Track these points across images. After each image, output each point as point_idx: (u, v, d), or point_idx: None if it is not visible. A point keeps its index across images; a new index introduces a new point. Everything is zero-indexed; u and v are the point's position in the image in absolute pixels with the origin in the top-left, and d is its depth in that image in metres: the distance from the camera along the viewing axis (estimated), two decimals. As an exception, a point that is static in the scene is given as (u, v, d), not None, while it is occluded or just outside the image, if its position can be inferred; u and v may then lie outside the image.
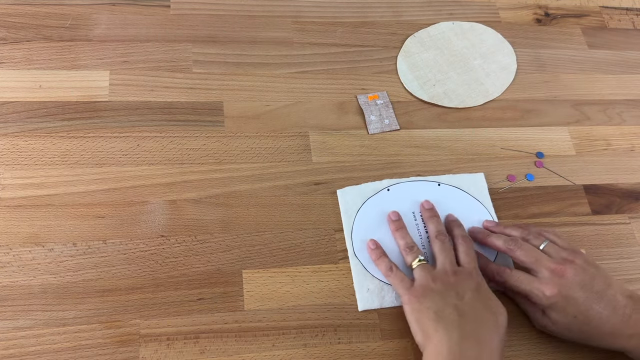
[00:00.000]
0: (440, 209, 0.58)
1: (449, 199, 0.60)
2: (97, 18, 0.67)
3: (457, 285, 0.50)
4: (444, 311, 0.48)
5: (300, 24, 0.71)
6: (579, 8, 0.80)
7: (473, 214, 0.60)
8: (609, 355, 0.55)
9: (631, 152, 0.68)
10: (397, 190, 0.52)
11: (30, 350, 0.48)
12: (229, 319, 0.52)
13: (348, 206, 0.58)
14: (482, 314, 0.48)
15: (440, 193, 0.60)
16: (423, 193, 0.60)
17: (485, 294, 0.50)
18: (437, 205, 0.58)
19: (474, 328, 0.47)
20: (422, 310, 0.49)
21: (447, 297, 0.49)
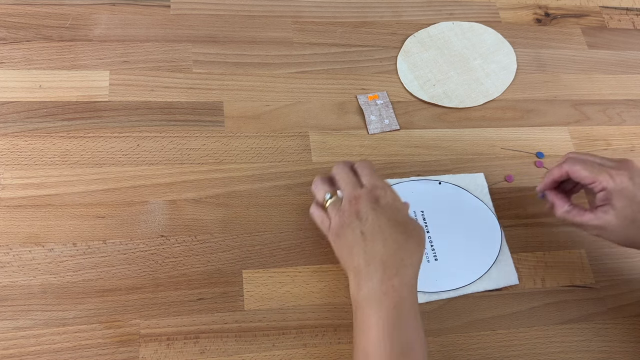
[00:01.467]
0: (440, 207, 0.59)
1: (450, 197, 0.60)
2: (97, 18, 0.67)
3: (359, 210, 0.48)
4: (353, 243, 0.47)
5: (300, 24, 0.71)
6: (579, 8, 0.80)
7: (474, 212, 0.60)
8: (607, 356, 0.55)
9: (631, 152, 0.68)
10: (398, 190, 0.52)
11: (30, 350, 0.48)
12: (229, 319, 0.52)
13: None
14: (385, 231, 0.47)
15: (441, 191, 0.61)
16: (424, 192, 0.60)
17: (389, 208, 0.48)
18: (437, 204, 0.59)
19: (378, 248, 0.46)
20: (341, 248, 0.48)
21: (354, 226, 0.47)
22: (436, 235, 0.58)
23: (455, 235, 0.59)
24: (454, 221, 0.59)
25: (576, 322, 0.56)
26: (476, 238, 0.59)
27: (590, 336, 0.56)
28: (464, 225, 0.59)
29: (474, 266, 0.57)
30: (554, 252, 0.60)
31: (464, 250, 0.58)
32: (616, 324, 0.57)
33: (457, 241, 0.58)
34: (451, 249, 0.58)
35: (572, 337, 0.56)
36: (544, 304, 0.57)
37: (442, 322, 0.55)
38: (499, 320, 0.56)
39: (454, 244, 0.58)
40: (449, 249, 0.58)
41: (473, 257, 0.58)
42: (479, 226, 0.60)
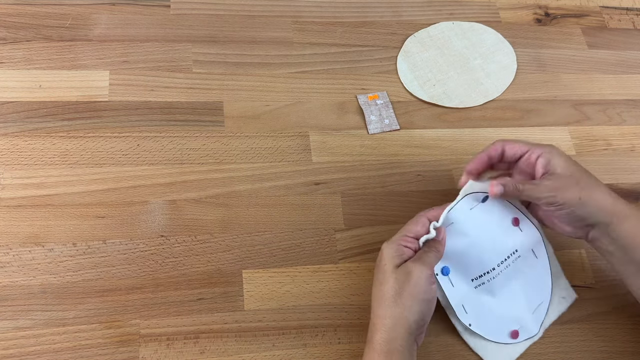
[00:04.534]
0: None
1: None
2: (97, 18, 0.67)
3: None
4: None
5: (300, 24, 0.71)
6: (579, 8, 0.80)
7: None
8: (607, 356, 0.55)
9: (631, 152, 0.68)
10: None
11: (30, 350, 0.48)
12: (229, 319, 0.52)
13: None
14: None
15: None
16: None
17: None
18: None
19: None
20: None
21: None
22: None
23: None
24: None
25: (576, 322, 0.56)
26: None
27: (591, 336, 0.56)
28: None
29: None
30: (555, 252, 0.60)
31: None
32: (616, 324, 0.57)
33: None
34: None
35: (572, 337, 0.56)
36: (544, 304, 0.57)
37: (442, 322, 0.54)
38: (499, 320, 0.56)
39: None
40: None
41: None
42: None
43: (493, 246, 0.52)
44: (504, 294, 0.53)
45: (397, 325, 0.46)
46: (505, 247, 0.53)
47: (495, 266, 0.52)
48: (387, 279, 0.47)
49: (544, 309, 0.55)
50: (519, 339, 0.53)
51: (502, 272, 0.53)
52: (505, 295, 0.54)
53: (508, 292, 0.54)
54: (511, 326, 0.53)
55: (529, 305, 0.54)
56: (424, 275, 0.47)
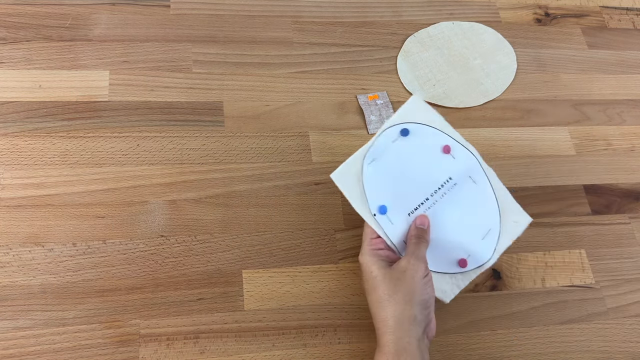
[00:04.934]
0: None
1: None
2: (96, 18, 0.67)
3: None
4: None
5: (300, 24, 0.71)
6: (579, 8, 0.80)
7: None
8: (607, 356, 0.55)
9: (631, 152, 0.68)
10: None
11: (30, 350, 0.48)
12: (229, 319, 0.52)
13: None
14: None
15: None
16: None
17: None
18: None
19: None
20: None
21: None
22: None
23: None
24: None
25: (576, 322, 0.56)
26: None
27: (590, 336, 0.56)
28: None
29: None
30: (554, 252, 0.60)
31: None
32: (616, 324, 0.57)
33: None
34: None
35: (572, 337, 0.56)
36: (544, 304, 0.57)
37: (442, 322, 0.55)
38: (499, 320, 0.56)
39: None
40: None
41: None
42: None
43: (424, 177, 0.53)
44: (446, 223, 0.53)
45: (400, 323, 0.46)
46: (437, 176, 0.53)
47: (428, 196, 0.52)
48: (378, 283, 0.47)
49: (494, 235, 0.53)
50: (468, 268, 0.52)
51: (437, 201, 0.52)
52: (448, 225, 0.53)
53: (450, 221, 0.53)
54: (458, 255, 0.52)
55: (476, 232, 0.53)
56: (420, 269, 0.48)
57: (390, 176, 0.52)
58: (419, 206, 0.52)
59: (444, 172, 0.53)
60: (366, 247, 0.50)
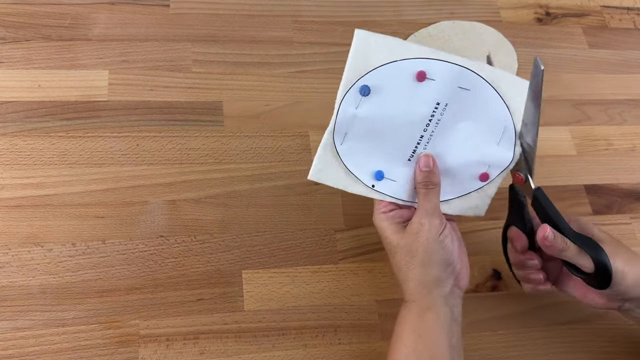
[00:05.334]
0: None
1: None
2: (96, 17, 0.66)
3: None
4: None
5: (300, 23, 0.71)
6: (580, 7, 0.80)
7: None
8: (608, 356, 0.55)
9: (632, 152, 0.68)
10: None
11: (30, 351, 0.48)
12: (229, 319, 0.52)
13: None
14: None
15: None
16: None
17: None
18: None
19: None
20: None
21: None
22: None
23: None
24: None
25: (577, 322, 0.56)
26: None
27: (591, 337, 0.56)
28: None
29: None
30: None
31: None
32: (617, 325, 0.57)
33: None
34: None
35: (573, 338, 0.55)
36: (545, 305, 0.57)
37: (442, 322, 0.54)
38: (499, 320, 0.56)
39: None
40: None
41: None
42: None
43: (408, 119, 0.46)
44: (453, 148, 0.48)
45: (423, 286, 0.45)
46: (422, 110, 0.46)
47: (422, 133, 0.47)
48: (394, 249, 0.47)
49: (510, 130, 0.48)
50: (491, 178, 0.49)
51: (434, 132, 0.47)
52: (455, 148, 0.48)
53: (456, 144, 0.48)
54: (478, 170, 0.48)
55: (489, 140, 0.48)
56: (433, 228, 0.45)
57: (371, 141, 0.47)
58: (416, 147, 0.48)
59: (429, 101, 0.46)
60: (377, 211, 0.49)
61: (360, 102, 0.46)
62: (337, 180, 0.49)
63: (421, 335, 0.44)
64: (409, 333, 0.45)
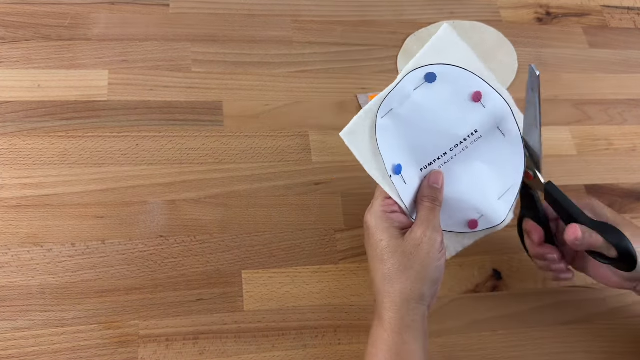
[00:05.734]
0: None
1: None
2: (96, 17, 0.66)
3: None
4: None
5: (300, 23, 0.71)
6: (580, 7, 0.80)
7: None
8: (608, 356, 0.55)
9: (633, 152, 0.68)
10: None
11: (29, 351, 0.48)
12: (229, 319, 0.52)
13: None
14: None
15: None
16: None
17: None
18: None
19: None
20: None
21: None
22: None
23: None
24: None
25: (577, 322, 0.56)
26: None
27: (592, 337, 0.56)
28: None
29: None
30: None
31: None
32: (617, 325, 0.57)
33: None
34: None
35: (573, 338, 0.55)
36: (545, 305, 0.57)
37: (442, 322, 0.54)
38: (500, 320, 0.55)
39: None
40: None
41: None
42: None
43: (446, 128, 0.45)
44: (461, 181, 0.47)
45: (408, 302, 0.43)
46: (461, 128, 0.46)
47: (447, 150, 0.46)
48: (388, 255, 0.43)
49: (514, 193, 0.47)
50: (477, 229, 0.48)
51: (456, 155, 0.46)
52: (463, 182, 0.47)
53: (466, 178, 0.47)
54: (469, 215, 0.47)
55: (493, 191, 0.47)
56: (437, 243, 0.44)
57: (408, 129, 0.45)
58: (434, 161, 0.46)
59: (469, 124, 0.46)
60: (378, 208, 0.45)
61: (421, 86, 0.44)
62: (361, 151, 0.45)
63: (402, 358, 0.42)
64: (389, 355, 0.42)
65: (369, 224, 0.45)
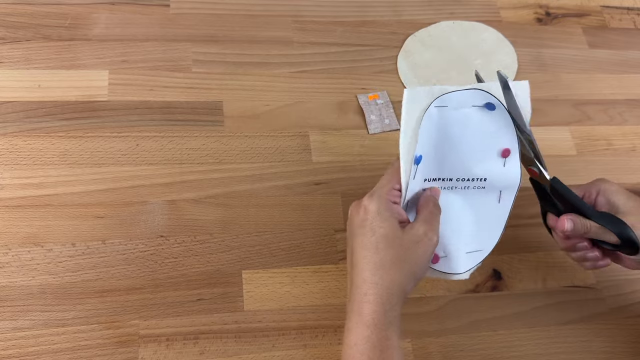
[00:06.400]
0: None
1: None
2: (96, 17, 0.66)
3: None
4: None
5: (300, 23, 0.71)
6: (580, 7, 0.80)
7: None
8: (608, 356, 0.55)
9: (632, 152, 0.68)
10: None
11: (30, 351, 0.48)
12: (229, 319, 0.52)
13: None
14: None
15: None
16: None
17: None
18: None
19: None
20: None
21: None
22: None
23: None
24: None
25: (577, 322, 0.56)
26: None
27: (592, 337, 0.56)
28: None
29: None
30: (555, 252, 0.60)
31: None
32: (617, 325, 0.57)
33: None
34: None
35: (573, 338, 0.55)
36: (545, 305, 0.57)
37: (442, 322, 0.54)
38: (500, 320, 0.55)
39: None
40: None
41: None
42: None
43: (467, 158, 0.46)
44: (447, 214, 0.46)
45: (392, 295, 0.41)
46: (477, 168, 0.46)
47: (455, 178, 0.47)
48: (384, 244, 0.41)
49: (479, 258, 0.48)
50: (436, 265, 0.47)
51: (456, 188, 0.47)
52: (448, 216, 0.47)
53: (452, 215, 0.47)
54: (437, 250, 0.47)
55: (465, 244, 0.48)
56: (433, 245, 0.43)
57: (442, 134, 0.45)
58: (440, 179, 0.46)
59: (485, 169, 0.46)
60: (384, 195, 0.43)
61: (479, 107, 0.45)
62: (408, 118, 0.44)
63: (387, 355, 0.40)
64: (373, 354, 0.40)
65: (369, 209, 0.42)
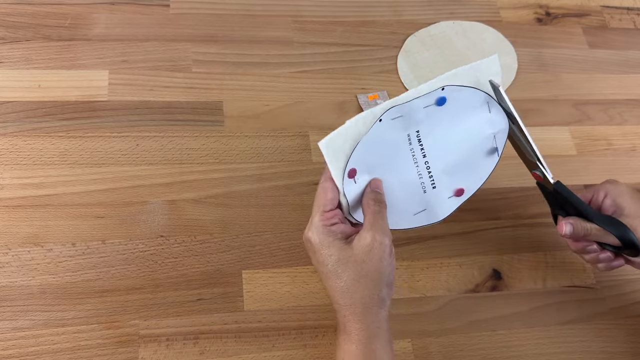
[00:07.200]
0: (441, 118, 0.48)
1: (454, 104, 0.48)
2: (96, 17, 0.66)
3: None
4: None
5: (300, 23, 0.71)
6: (580, 7, 0.80)
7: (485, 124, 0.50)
8: (608, 356, 0.55)
9: (632, 152, 0.68)
10: (392, 117, 0.44)
11: (30, 351, 0.48)
12: (229, 319, 0.52)
13: (337, 156, 0.46)
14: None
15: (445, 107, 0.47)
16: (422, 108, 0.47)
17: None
18: (437, 115, 0.47)
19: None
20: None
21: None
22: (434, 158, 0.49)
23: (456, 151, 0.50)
24: (455, 133, 0.49)
25: (577, 322, 0.56)
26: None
27: (592, 337, 0.56)
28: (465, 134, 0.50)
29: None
30: (555, 252, 0.60)
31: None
32: (617, 325, 0.57)
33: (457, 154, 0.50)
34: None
35: (573, 338, 0.55)
36: (545, 305, 0.57)
37: (442, 322, 0.54)
38: (500, 320, 0.55)
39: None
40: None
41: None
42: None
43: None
44: (445, 151, 0.49)
45: (369, 309, 0.42)
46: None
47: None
48: (341, 268, 0.42)
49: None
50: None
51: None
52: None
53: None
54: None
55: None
56: (387, 247, 0.43)
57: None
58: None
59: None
60: (318, 222, 0.44)
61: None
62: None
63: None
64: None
65: (313, 241, 0.44)
